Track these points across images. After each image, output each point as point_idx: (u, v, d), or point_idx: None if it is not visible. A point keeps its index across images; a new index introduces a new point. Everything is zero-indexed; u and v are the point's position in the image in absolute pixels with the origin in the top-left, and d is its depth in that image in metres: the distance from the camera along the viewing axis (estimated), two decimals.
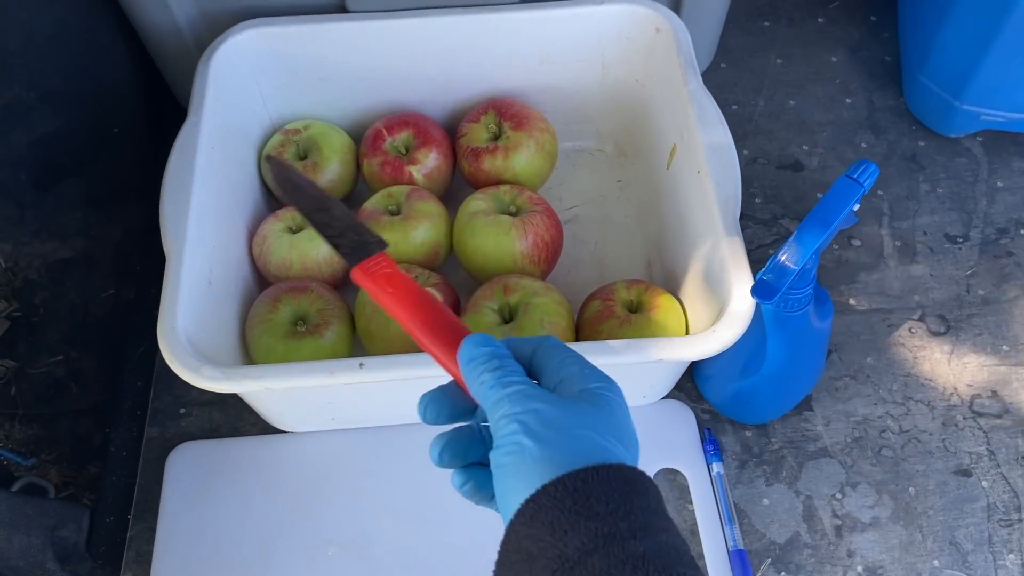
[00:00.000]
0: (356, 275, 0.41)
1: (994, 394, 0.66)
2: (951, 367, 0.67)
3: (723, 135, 0.61)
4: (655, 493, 0.35)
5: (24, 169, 0.72)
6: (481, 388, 0.37)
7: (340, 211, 0.43)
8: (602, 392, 0.37)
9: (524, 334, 0.59)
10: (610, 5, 0.68)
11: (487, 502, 0.39)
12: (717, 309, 0.55)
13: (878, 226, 0.74)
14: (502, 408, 0.35)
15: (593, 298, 0.63)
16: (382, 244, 0.42)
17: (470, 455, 0.39)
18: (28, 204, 0.73)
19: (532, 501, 0.33)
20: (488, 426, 0.39)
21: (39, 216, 0.75)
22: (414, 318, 0.40)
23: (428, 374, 0.52)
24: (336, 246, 0.42)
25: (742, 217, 0.74)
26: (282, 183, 0.44)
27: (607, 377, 0.38)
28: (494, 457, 0.35)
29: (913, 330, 0.69)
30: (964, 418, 0.65)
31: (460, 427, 0.40)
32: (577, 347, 0.53)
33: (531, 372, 0.39)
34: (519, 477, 0.34)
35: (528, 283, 0.61)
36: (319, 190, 0.43)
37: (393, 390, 0.59)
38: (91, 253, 0.78)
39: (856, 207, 0.52)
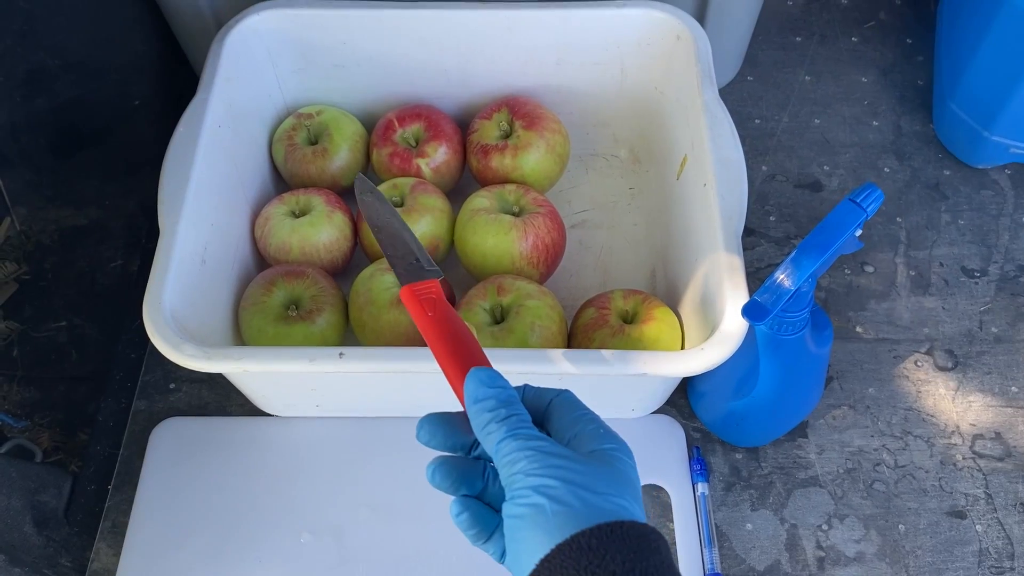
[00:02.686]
0: (404, 293, 0.43)
1: (997, 436, 0.64)
2: (955, 404, 0.65)
3: (734, 149, 0.59)
4: (666, 550, 0.35)
5: (44, 135, 0.73)
6: (488, 438, 0.37)
7: (409, 236, 0.46)
8: (615, 454, 0.37)
9: (514, 336, 0.58)
10: (631, 8, 0.67)
11: (481, 542, 0.39)
12: (711, 326, 0.54)
13: (893, 254, 0.72)
14: (518, 464, 0.35)
15: (588, 305, 0.62)
16: (437, 273, 0.44)
17: (465, 486, 0.39)
18: (46, 170, 0.74)
19: (547, 561, 0.33)
20: (492, 464, 0.39)
21: (56, 182, 0.76)
22: (443, 343, 0.41)
23: (408, 369, 0.52)
24: (393, 265, 0.45)
25: (754, 234, 0.73)
26: (363, 198, 0.47)
27: (620, 439, 0.38)
28: (508, 509, 0.36)
29: (919, 363, 0.67)
30: (964, 458, 0.63)
31: (460, 456, 0.40)
32: (563, 355, 0.52)
33: (539, 421, 0.39)
34: (534, 535, 0.34)
35: (523, 285, 0.61)
36: (395, 214, 0.47)
37: (377, 382, 0.58)
38: (103, 223, 0.78)
39: (859, 232, 0.50)
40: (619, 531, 0.33)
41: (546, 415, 0.39)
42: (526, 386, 0.40)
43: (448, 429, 0.39)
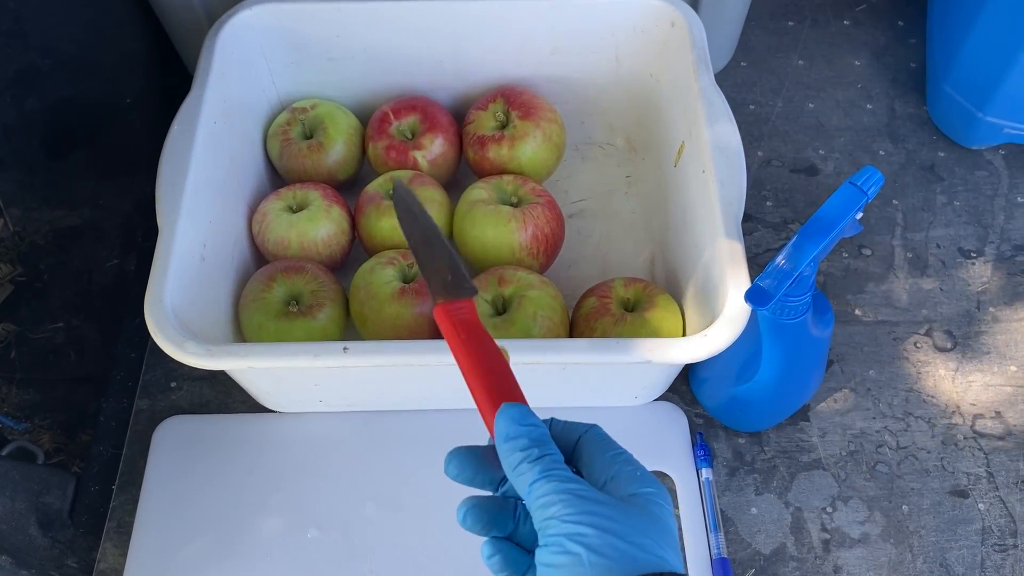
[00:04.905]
0: (438, 312, 0.41)
1: (998, 415, 0.64)
2: (955, 385, 0.65)
3: (731, 135, 0.59)
4: None
5: (36, 136, 0.72)
6: (520, 479, 0.35)
7: (444, 251, 0.43)
8: (653, 498, 0.36)
9: (517, 327, 0.58)
10: None
11: None
12: (713, 312, 0.54)
13: (890, 236, 0.72)
14: (552, 508, 0.34)
15: (590, 294, 0.62)
16: (471, 291, 0.42)
17: (497, 527, 0.38)
18: (39, 170, 0.74)
19: None
20: (523, 502, 0.38)
21: (49, 183, 0.75)
22: (474, 367, 0.39)
23: (413, 362, 0.52)
24: (428, 280, 0.43)
25: (751, 220, 0.73)
26: (400, 207, 0.45)
27: (657, 482, 0.37)
28: (541, 556, 0.34)
29: (919, 344, 0.67)
30: (965, 438, 0.63)
31: (491, 496, 0.38)
32: (567, 344, 0.52)
33: (568, 456, 0.38)
34: None
35: (524, 276, 0.61)
36: (433, 225, 0.44)
37: (380, 376, 0.58)
38: (98, 222, 0.78)
39: (859, 215, 0.50)
40: None
41: (576, 452, 0.38)
42: (552, 420, 0.39)
43: (476, 464, 0.38)
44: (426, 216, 0.44)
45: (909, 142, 0.78)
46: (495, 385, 0.38)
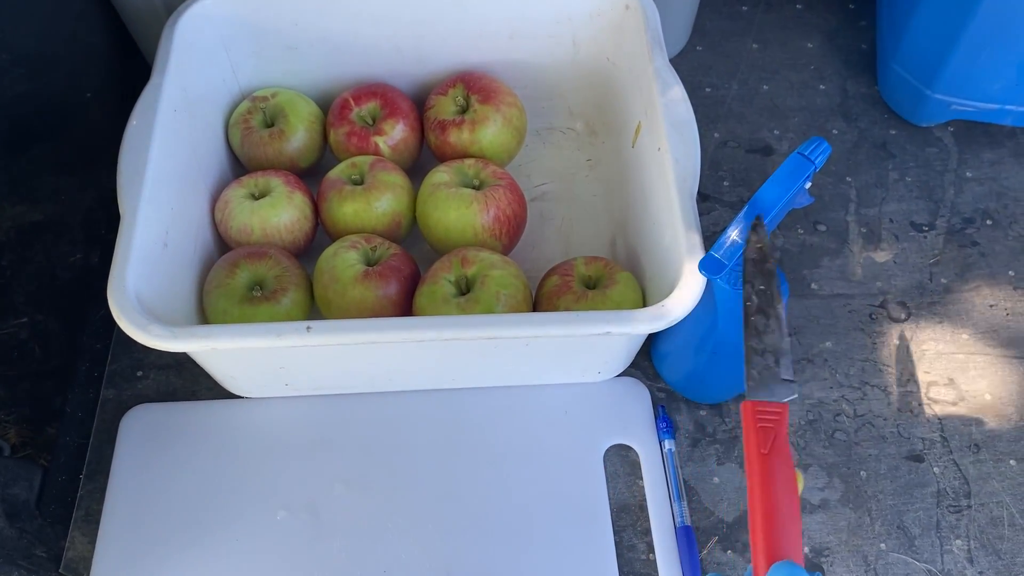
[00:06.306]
0: (746, 409, 0.39)
1: (951, 381, 0.66)
2: (910, 354, 0.67)
3: (685, 112, 0.61)
4: None
5: None
6: None
7: (778, 324, 0.39)
8: None
9: (480, 306, 0.59)
10: None
11: None
12: (671, 285, 0.55)
13: (844, 212, 0.74)
14: None
15: (552, 273, 0.63)
16: (789, 392, 0.39)
17: None
18: None
19: None
20: None
21: (9, 179, 0.75)
22: (763, 498, 0.37)
23: (375, 339, 0.52)
24: (748, 355, 0.39)
25: (709, 199, 0.74)
26: (752, 253, 0.41)
27: None
28: None
29: (874, 316, 0.69)
30: (919, 404, 0.65)
31: None
32: (529, 318, 0.53)
33: None
34: None
35: (486, 256, 0.61)
36: (779, 292, 0.39)
37: (344, 357, 0.59)
38: (61, 217, 0.78)
39: (808, 185, 0.52)
40: None
41: None
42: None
43: None
44: (775, 278, 0.39)
45: (861, 121, 0.80)
46: (777, 529, 0.36)
